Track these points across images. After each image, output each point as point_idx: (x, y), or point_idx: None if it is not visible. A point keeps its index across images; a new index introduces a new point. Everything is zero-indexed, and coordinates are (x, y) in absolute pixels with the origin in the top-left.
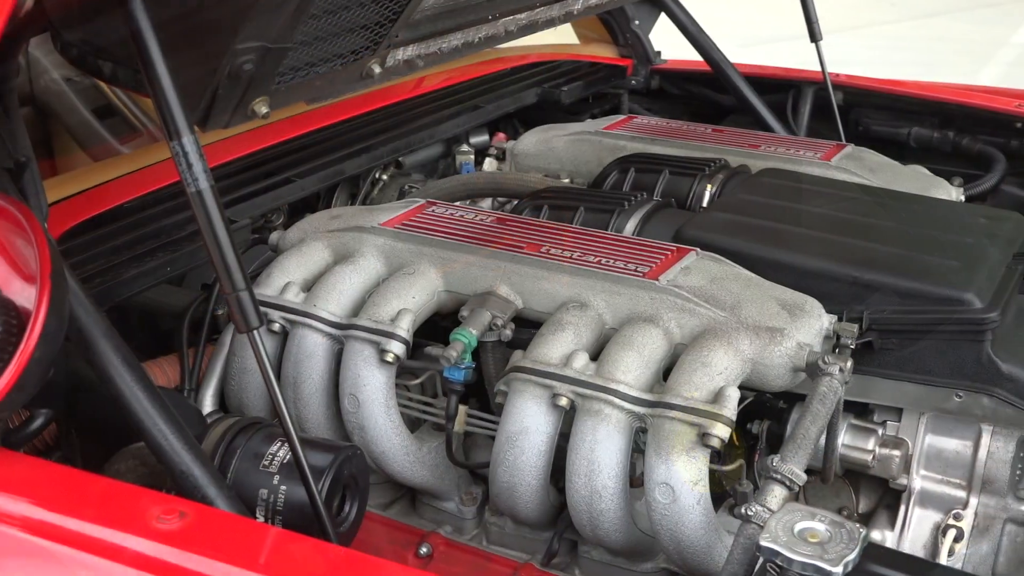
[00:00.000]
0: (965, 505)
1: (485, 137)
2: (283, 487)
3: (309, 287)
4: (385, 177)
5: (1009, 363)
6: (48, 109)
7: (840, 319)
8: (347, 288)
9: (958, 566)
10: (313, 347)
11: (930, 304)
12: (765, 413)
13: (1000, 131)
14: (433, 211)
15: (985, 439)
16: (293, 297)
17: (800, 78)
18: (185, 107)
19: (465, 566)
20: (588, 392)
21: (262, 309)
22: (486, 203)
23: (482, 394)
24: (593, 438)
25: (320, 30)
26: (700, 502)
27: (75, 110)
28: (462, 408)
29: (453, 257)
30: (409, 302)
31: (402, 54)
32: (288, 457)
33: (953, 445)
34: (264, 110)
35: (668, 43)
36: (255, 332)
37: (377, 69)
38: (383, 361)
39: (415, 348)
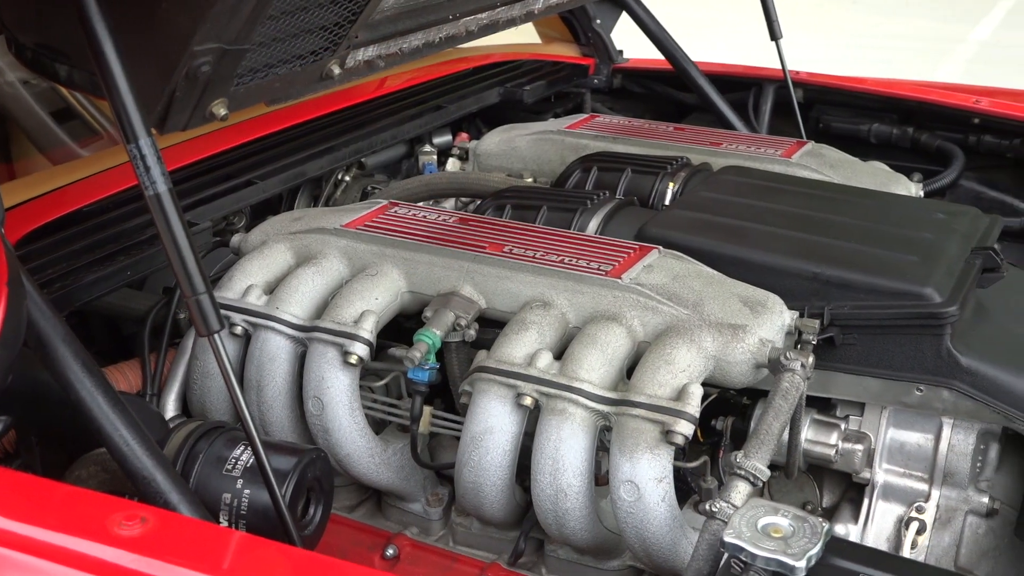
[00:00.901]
0: (927, 498)
1: (448, 137)
2: (247, 491)
3: (271, 290)
4: (348, 178)
5: (968, 356)
6: (5, 112)
7: (801, 315)
8: (310, 290)
9: (921, 558)
10: (276, 350)
11: (890, 299)
12: (728, 409)
13: (958, 127)
14: (396, 212)
15: (946, 432)
16: (255, 300)
17: (761, 76)
18: (142, 109)
19: (432, 567)
20: (552, 391)
21: (224, 312)
22: (449, 203)
23: (447, 395)
24: (558, 437)
25: (278, 31)
26: (665, 499)
27: (32, 113)
28: (427, 409)
29: (416, 258)
30: (372, 303)
31: (362, 55)
32: (251, 461)
33: (915, 439)
34: (223, 112)
35: (630, 42)
36: (216, 336)
37: (337, 70)
38: (347, 363)
39: (379, 349)
